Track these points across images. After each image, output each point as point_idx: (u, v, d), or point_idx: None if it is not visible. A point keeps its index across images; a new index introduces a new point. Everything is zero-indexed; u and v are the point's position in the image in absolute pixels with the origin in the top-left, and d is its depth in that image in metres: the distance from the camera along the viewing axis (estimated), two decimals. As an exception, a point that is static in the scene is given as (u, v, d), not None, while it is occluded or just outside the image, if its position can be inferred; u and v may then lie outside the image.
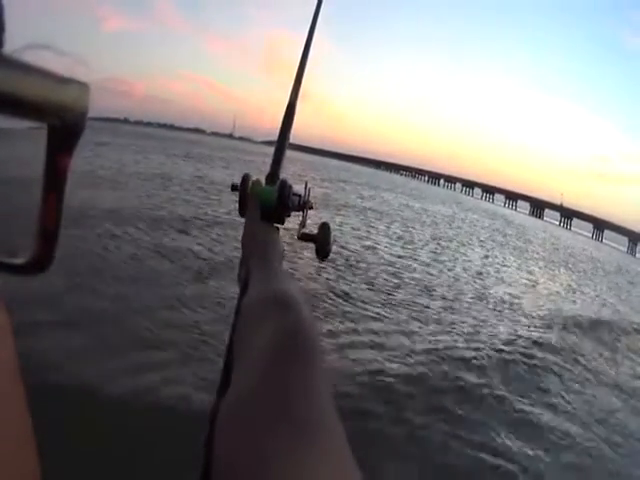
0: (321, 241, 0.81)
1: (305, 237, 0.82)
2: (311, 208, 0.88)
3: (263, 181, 0.86)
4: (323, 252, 0.81)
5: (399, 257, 11.45)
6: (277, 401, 0.37)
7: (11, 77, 0.20)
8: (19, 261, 0.26)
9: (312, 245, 0.83)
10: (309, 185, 0.89)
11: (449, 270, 11.38)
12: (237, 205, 0.84)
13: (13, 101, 0.20)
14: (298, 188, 0.86)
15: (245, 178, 0.85)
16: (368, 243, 12.19)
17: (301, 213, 0.86)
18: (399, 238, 14.14)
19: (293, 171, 27.26)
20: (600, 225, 62.00)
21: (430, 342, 6.21)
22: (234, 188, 0.86)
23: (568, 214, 68.43)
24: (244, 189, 0.84)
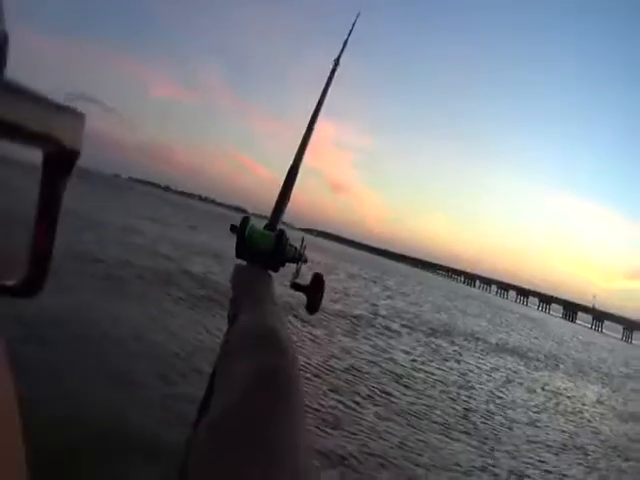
0: (312, 293, 0.83)
1: (296, 287, 0.85)
2: (305, 262, 0.92)
3: (262, 227, 0.88)
4: (313, 305, 0.83)
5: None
6: (254, 436, 0.38)
7: (6, 101, 0.21)
8: (10, 283, 0.26)
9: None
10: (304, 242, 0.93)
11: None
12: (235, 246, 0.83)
13: (6, 125, 0.21)
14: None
15: (245, 220, 0.85)
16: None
17: (295, 265, 0.89)
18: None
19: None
20: (630, 326, 65.60)
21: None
22: (233, 229, 0.85)
23: (600, 317, 72.00)
24: (243, 231, 0.83)
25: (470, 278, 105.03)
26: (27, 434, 0.27)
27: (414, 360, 11.53)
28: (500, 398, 10.53)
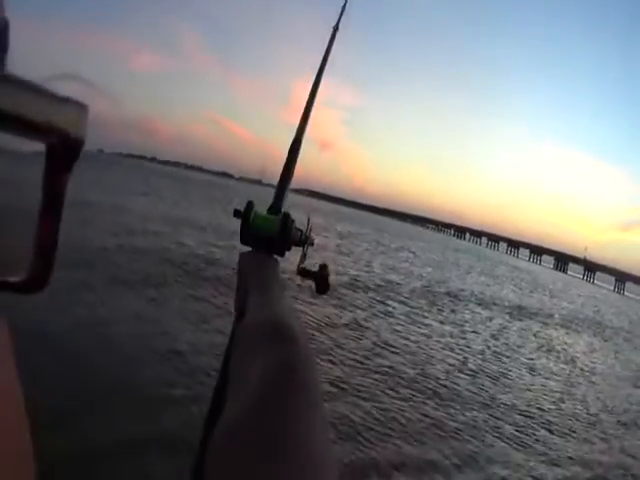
0: (320, 279, 0.85)
1: (304, 273, 0.85)
2: (312, 244, 0.91)
3: (266, 210, 0.87)
4: (322, 289, 0.85)
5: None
6: (271, 436, 0.38)
7: (9, 94, 0.21)
8: (16, 279, 0.27)
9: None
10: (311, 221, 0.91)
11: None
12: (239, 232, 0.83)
13: (10, 118, 0.21)
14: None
15: (249, 205, 0.84)
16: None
17: (301, 248, 0.88)
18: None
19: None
20: (622, 278, 66.29)
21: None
22: (237, 214, 0.84)
23: (591, 268, 72.90)
24: (247, 216, 0.82)
25: (460, 231, 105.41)
26: (29, 409, 0.27)
27: (410, 312, 11.85)
28: (496, 346, 10.93)
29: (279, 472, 0.35)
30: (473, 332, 11.67)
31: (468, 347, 10.13)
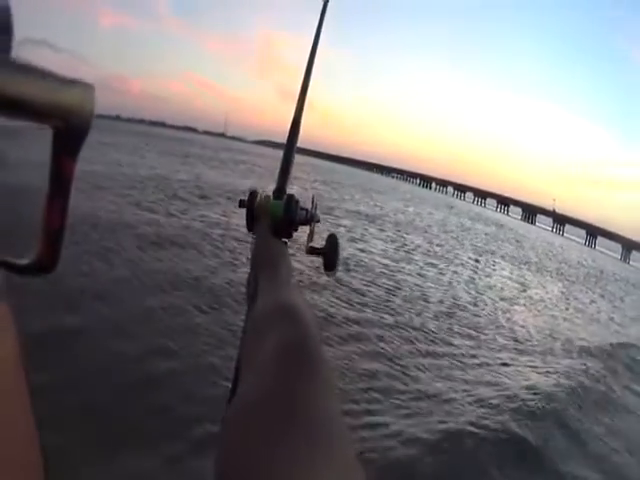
0: (328, 255, 0.83)
1: (313, 251, 0.85)
2: (318, 222, 0.91)
3: (270, 195, 0.88)
4: (330, 266, 0.83)
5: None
6: (282, 410, 0.38)
7: (16, 79, 0.21)
8: (25, 262, 0.27)
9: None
10: (315, 200, 0.92)
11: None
12: (245, 220, 0.85)
13: (18, 103, 0.21)
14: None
15: (253, 193, 0.86)
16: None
17: (308, 227, 0.89)
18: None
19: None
20: (593, 232, 64.02)
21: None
22: (242, 204, 0.86)
23: (560, 220, 70.36)
24: (252, 204, 0.84)
25: (426, 180, 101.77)
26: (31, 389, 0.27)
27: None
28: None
29: (292, 446, 0.35)
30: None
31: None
